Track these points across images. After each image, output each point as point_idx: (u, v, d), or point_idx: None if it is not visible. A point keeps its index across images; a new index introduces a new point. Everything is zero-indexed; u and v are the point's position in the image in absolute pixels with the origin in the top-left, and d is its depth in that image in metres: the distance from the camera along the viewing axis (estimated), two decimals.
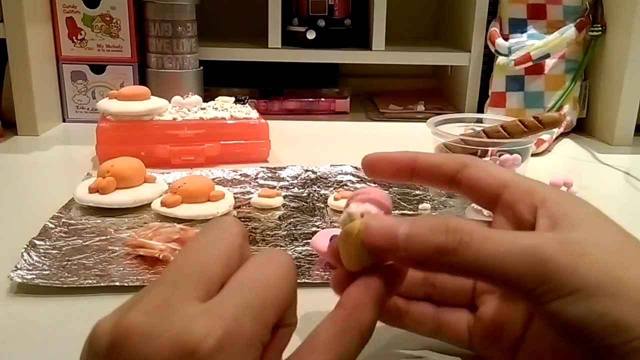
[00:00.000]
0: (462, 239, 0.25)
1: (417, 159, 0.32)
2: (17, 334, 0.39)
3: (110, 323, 0.22)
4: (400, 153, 0.32)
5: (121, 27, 0.92)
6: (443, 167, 0.32)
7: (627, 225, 0.28)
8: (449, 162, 0.32)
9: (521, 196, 0.29)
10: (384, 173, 0.33)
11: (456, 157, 0.32)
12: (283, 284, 0.25)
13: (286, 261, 0.26)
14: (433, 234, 0.25)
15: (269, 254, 0.26)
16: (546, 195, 0.28)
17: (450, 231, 0.25)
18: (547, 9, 0.93)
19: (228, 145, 0.76)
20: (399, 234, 0.26)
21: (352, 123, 1.02)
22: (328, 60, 1.04)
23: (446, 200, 0.65)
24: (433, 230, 0.26)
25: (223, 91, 0.98)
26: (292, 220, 0.58)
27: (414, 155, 0.32)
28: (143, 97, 0.76)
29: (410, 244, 0.26)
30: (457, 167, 0.31)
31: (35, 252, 0.48)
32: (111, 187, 0.60)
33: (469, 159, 0.31)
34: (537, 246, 0.25)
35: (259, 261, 0.25)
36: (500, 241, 0.25)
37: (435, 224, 0.26)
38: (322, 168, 0.72)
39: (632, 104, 0.89)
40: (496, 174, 0.30)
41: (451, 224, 0.26)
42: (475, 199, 0.32)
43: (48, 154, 0.80)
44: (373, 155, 0.33)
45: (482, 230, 0.25)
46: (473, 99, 1.03)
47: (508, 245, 0.25)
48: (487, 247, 0.25)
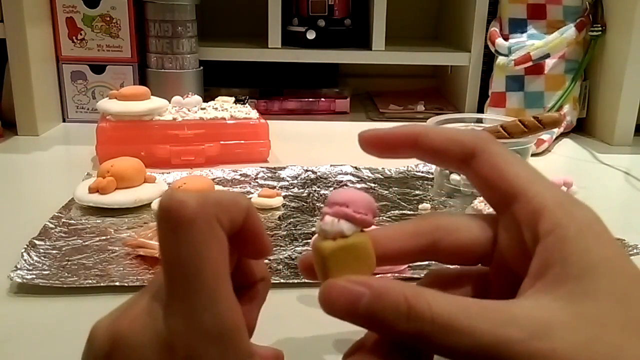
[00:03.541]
0: (422, 329, 0.22)
1: (418, 141, 0.28)
2: (17, 334, 0.39)
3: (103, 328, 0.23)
4: (400, 131, 0.29)
5: (121, 27, 0.92)
6: (448, 153, 0.28)
7: (627, 226, 0.28)
8: (455, 148, 0.28)
9: (527, 217, 0.25)
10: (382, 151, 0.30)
11: (465, 141, 0.28)
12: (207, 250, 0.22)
13: (192, 215, 0.22)
14: (394, 318, 0.23)
15: (170, 225, 0.22)
16: (554, 223, 0.24)
17: (412, 318, 0.22)
18: (547, 9, 0.93)
19: (228, 145, 0.76)
20: (359, 306, 0.23)
21: (352, 123, 1.02)
22: (328, 60, 1.04)
23: (446, 200, 0.65)
24: (394, 312, 0.23)
25: (223, 91, 0.98)
26: (292, 220, 0.58)
27: (415, 135, 0.28)
28: (143, 97, 0.76)
29: (370, 320, 0.23)
30: (465, 155, 0.28)
31: (35, 252, 0.48)
32: (111, 187, 0.60)
33: (480, 144, 0.27)
34: (502, 344, 0.21)
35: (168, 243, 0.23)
36: (463, 333, 0.22)
37: (397, 304, 0.23)
38: (322, 168, 0.72)
39: (632, 104, 0.89)
40: (507, 177, 0.26)
41: (412, 309, 0.22)
42: (483, 196, 0.29)
43: (48, 154, 0.80)
44: (370, 133, 0.30)
45: (443, 316, 0.22)
46: (473, 99, 1.03)
47: (472, 339, 0.22)
48: (448, 340, 0.22)
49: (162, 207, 0.22)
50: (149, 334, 0.22)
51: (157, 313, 0.23)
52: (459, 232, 0.28)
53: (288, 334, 0.40)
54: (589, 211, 0.25)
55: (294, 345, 0.27)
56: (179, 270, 0.22)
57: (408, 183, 0.70)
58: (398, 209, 0.62)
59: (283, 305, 0.43)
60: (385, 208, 0.62)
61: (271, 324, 0.40)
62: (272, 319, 0.39)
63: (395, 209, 0.62)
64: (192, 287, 0.22)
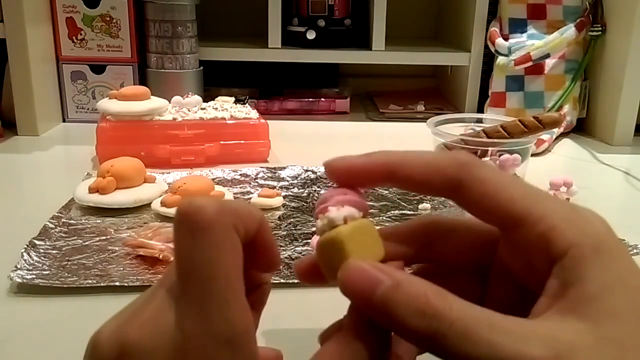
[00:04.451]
0: (437, 330, 0.21)
1: (394, 172, 0.26)
2: (17, 334, 0.39)
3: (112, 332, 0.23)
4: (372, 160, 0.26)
5: (121, 27, 0.92)
6: (430, 185, 0.26)
7: (627, 226, 0.28)
8: (437, 178, 0.25)
9: (536, 241, 0.24)
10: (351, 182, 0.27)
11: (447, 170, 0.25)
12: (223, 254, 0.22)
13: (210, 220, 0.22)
14: (409, 313, 0.22)
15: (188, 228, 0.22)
16: (568, 243, 0.23)
17: (428, 315, 0.22)
18: (547, 9, 0.93)
19: (228, 145, 0.76)
20: (376, 293, 0.22)
21: (352, 123, 1.02)
22: (328, 60, 1.04)
23: (446, 200, 0.65)
24: (411, 306, 0.22)
25: (223, 91, 0.98)
26: (292, 220, 0.58)
27: (389, 165, 0.26)
28: (143, 97, 0.76)
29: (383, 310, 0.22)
30: (449, 185, 0.25)
31: (35, 252, 0.48)
32: (111, 187, 0.60)
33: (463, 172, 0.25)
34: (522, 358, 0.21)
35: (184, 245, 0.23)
36: (481, 341, 0.21)
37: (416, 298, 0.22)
38: (322, 168, 0.72)
39: (632, 104, 0.89)
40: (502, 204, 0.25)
41: (430, 307, 0.22)
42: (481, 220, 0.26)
43: (48, 154, 0.81)
44: (336, 162, 0.27)
45: (465, 322, 0.21)
46: (473, 99, 1.03)
47: (489, 349, 0.21)
48: (463, 347, 0.21)
49: (181, 211, 0.23)
50: (161, 339, 0.22)
51: (169, 317, 0.22)
52: (455, 233, 0.28)
53: (288, 334, 0.40)
54: (598, 224, 0.24)
55: (293, 345, 0.27)
56: (195, 273, 0.22)
57: None
58: (398, 209, 0.62)
59: (283, 305, 0.43)
60: (385, 208, 0.62)
61: (271, 324, 0.40)
62: (272, 319, 0.39)
63: (395, 209, 0.62)
64: (206, 289, 0.22)
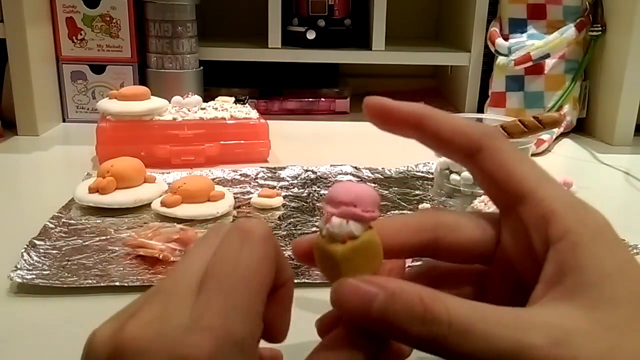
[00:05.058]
0: (438, 333, 0.22)
1: (423, 123, 0.27)
2: (17, 334, 0.39)
3: (108, 333, 0.22)
4: (407, 107, 0.27)
5: (121, 27, 0.92)
6: (453, 143, 0.27)
7: (627, 226, 0.28)
8: (461, 139, 0.27)
9: (535, 220, 0.25)
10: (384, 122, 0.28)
11: (472, 134, 0.26)
12: (263, 265, 0.24)
13: (260, 234, 0.24)
14: (409, 321, 0.22)
15: (239, 235, 0.24)
16: (565, 229, 0.24)
17: (427, 321, 0.22)
18: (547, 9, 0.93)
19: (228, 145, 0.76)
20: (373, 307, 0.22)
21: (352, 123, 1.02)
22: (328, 60, 1.04)
23: (446, 200, 0.65)
24: (410, 314, 0.22)
25: (223, 91, 0.98)
26: (292, 220, 0.58)
27: (421, 116, 0.27)
28: (143, 97, 0.76)
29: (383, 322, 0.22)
30: (470, 148, 0.26)
31: (35, 252, 0.48)
32: (111, 187, 0.60)
33: (487, 139, 0.26)
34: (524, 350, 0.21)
35: (231, 247, 0.24)
36: (482, 338, 0.21)
37: (412, 304, 0.22)
38: (322, 168, 0.72)
39: (632, 104, 0.89)
40: (514, 176, 0.26)
41: (429, 312, 0.22)
42: (487, 193, 0.28)
43: (48, 154, 0.81)
44: (376, 100, 0.27)
45: (462, 320, 0.22)
46: (473, 99, 1.03)
47: (489, 343, 0.21)
48: (464, 344, 0.22)
49: (237, 223, 0.25)
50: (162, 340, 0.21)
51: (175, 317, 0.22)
52: (460, 230, 0.27)
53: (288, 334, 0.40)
54: (599, 216, 0.25)
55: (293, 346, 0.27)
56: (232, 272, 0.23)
57: (408, 183, 0.70)
58: (398, 209, 0.62)
59: None
60: (385, 208, 0.62)
61: None
62: None
63: (395, 209, 0.62)
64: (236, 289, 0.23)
